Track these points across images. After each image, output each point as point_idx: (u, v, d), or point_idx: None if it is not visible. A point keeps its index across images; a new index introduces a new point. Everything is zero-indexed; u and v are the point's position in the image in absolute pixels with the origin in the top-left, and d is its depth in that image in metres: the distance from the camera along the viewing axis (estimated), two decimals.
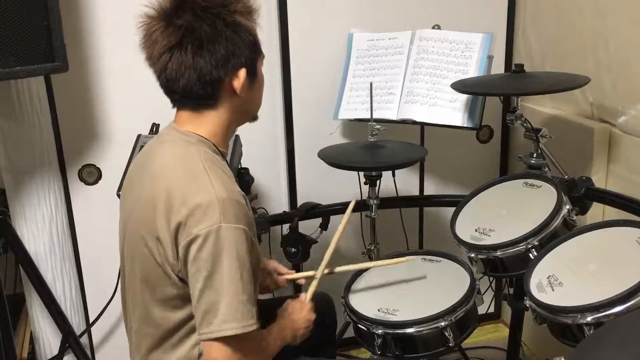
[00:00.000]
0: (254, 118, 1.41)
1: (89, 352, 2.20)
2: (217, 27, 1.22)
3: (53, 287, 2.04)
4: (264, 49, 1.35)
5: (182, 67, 1.23)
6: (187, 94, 1.26)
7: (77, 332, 2.11)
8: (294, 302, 1.54)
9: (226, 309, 1.16)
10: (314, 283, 1.60)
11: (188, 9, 1.22)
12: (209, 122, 1.30)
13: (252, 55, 1.29)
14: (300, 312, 1.50)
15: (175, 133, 1.31)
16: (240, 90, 1.28)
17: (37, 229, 2.02)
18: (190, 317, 1.26)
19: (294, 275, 1.71)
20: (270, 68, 2.25)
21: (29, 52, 1.63)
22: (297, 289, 2.27)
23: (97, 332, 2.31)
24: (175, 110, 1.35)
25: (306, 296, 1.56)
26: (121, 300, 1.45)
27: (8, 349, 1.77)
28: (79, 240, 2.23)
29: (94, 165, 2.19)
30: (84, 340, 2.19)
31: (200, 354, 1.29)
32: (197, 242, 1.17)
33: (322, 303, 1.76)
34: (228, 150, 1.86)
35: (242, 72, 1.27)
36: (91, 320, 2.26)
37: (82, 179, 2.19)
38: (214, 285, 1.17)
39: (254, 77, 1.32)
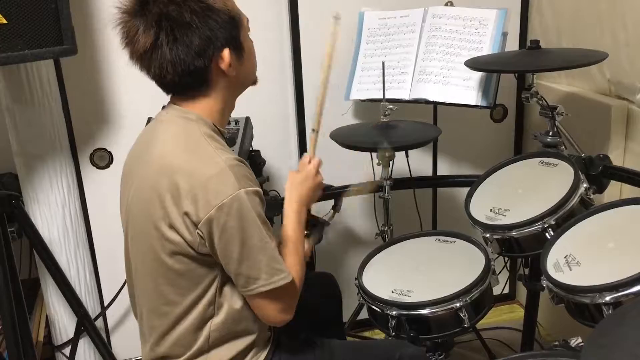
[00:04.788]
0: (253, 82, 1.40)
1: (104, 335, 2.22)
2: (185, 17, 1.20)
3: (67, 271, 2.05)
4: (273, 28, 1.32)
5: (164, 63, 1.23)
6: (177, 86, 1.27)
7: (92, 315, 2.13)
8: (294, 177, 1.48)
9: (267, 268, 1.23)
10: (313, 137, 1.54)
11: (156, 3, 1.20)
12: (205, 103, 1.30)
13: (233, 32, 1.27)
14: (303, 184, 1.47)
15: (173, 111, 1.31)
16: (228, 69, 1.27)
17: (50, 213, 2.02)
18: (202, 299, 1.27)
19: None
20: (280, 48, 2.22)
21: (37, 35, 1.62)
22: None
23: (112, 315, 2.33)
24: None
25: (308, 159, 1.51)
26: (128, 287, 1.45)
27: (24, 333, 1.79)
28: (92, 223, 2.23)
29: (105, 149, 2.19)
30: (99, 323, 2.21)
31: (212, 315, 1.30)
32: (221, 213, 1.17)
33: (325, 282, 1.74)
34: (238, 133, 1.85)
35: (226, 53, 1.26)
36: (106, 303, 2.28)
37: (93, 163, 2.19)
38: (251, 251, 1.21)
39: (241, 51, 1.30)
